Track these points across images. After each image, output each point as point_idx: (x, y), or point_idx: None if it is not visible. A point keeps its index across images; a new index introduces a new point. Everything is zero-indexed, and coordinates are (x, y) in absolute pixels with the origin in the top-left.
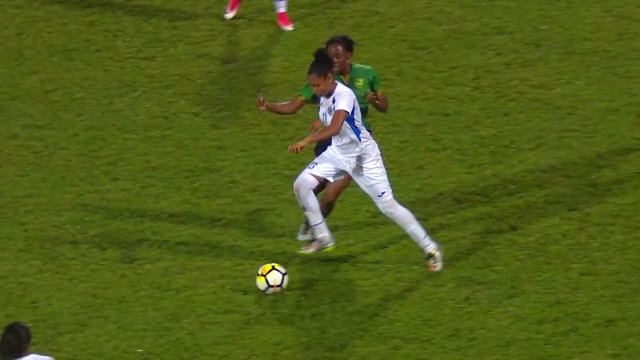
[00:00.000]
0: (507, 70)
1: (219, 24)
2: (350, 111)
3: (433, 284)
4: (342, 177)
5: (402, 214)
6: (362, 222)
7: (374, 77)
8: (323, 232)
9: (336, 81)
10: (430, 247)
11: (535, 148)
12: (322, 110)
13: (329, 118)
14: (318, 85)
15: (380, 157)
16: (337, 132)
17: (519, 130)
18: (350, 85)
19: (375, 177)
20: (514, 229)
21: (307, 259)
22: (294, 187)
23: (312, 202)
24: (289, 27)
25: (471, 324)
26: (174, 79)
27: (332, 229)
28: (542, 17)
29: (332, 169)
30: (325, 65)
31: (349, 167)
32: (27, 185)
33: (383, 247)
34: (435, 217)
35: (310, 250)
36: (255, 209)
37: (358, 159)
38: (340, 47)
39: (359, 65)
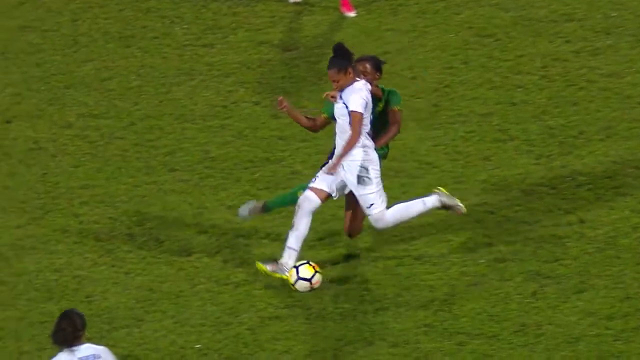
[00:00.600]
0: (576, 58)
1: (279, 10)
2: (363, 112)
3: (499, 278)
4: (346, 192)
5: (393, 219)
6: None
7: (388, 94)
8: (289, 260)
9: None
10: (435, 200)
11: (605, 139)
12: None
13: (341, 115)
14: (338, 81)
15: (378, 168)
16: (360, 136)
17: (589, 120)
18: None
19: (368, 187)
20: (582, 221)
21: (372, 252)
22: (297, 202)
23: (304, 226)
24: (352, 14)
25: (539, 319)
26: (234, 66)
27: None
28: (612, 4)
29: (333, 181)
30: (346, 60)
31: (343, 174)
32: (82, 176)
33: (448, 241)
34: (501, 210)
35: (267, 267)
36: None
37: (355, 166)
38: (368, 65)
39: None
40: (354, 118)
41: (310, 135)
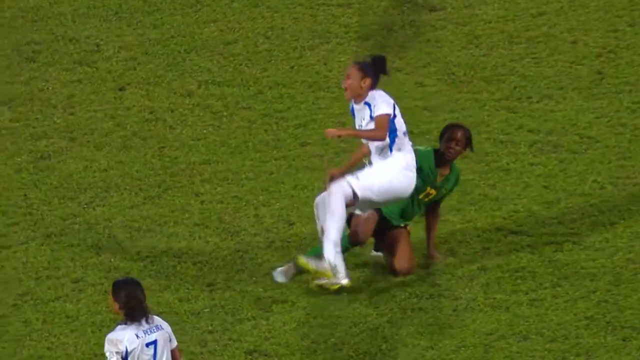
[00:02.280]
0: None
1: None
2: (392, 113)
3: None
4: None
5: (336, 206)
6: (588, 193)
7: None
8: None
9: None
10: (325, 269)
11: None
12: (357, 120)
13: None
14: (349, 78)
15: (397, 168)
16: (384, 137)
17: None
18: (440, 187)
19: (367, 170)
20: None
21: (526, 237)
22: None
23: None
24: None
25: None
26: (373, 28)
27: (555, 202)
28: None
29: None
30: (374, 70)
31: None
32: (203, 150)
33: (612, 224)
34: None
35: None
36: (464, 179)
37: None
38: (460, 133)
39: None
40: (381, 118)
41: (458, 106)
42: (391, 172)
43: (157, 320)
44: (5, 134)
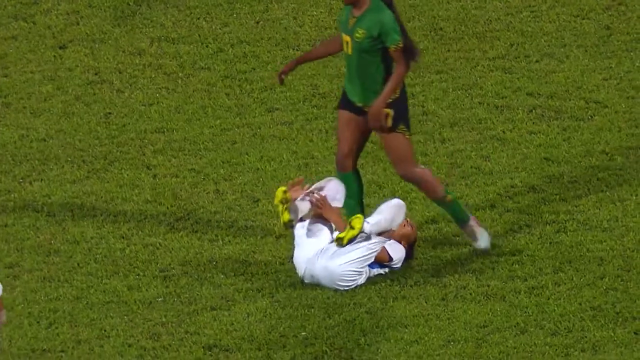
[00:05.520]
0: None
1: None
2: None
3: None
4: None
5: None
6: (594, 166)
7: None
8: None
9: None
10: None
11: None
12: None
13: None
14: None
15: None
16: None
17: None
18: (352, 31)
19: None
20: None
21: (524, 215)
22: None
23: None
24: None
25: None
26: None
27: (558, 175)
28: None
29: None
30: None
31: None
32: (156, 117)
33: (622, 200)
34: None
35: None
36: (455, 149)
37: None
38: None
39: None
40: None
41: (447, 66)
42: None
43: None
44: None
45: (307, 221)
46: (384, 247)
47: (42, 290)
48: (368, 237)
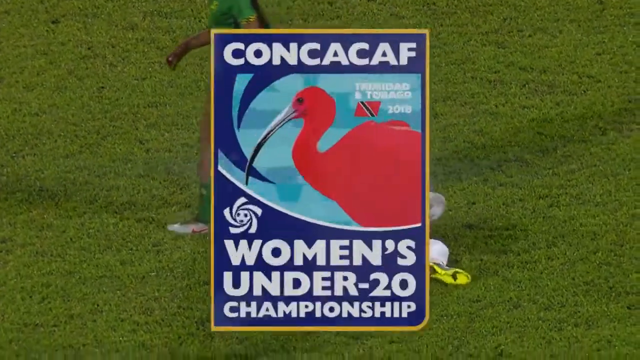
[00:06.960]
0: None
1: None
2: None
3: None
4: None
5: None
6: (587, 140)
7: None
8: None
9: None
10: None
11: None
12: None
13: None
14: None
15: None
16: None
17: None
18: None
19: None
20: None
21: (517, 189)
22: None
23: None
24: None
25: None
26: None
27: (551, 149)
28: None
29: None
30: None
31: None
32: (149, 91)
33: (615, 174)
34: None
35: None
36: (447, 124)
37: None
38: None
39: None
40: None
41: (439, 41)
42: None
43: None
44: None
45: None
46: None
47: (34, 264)
48: None
